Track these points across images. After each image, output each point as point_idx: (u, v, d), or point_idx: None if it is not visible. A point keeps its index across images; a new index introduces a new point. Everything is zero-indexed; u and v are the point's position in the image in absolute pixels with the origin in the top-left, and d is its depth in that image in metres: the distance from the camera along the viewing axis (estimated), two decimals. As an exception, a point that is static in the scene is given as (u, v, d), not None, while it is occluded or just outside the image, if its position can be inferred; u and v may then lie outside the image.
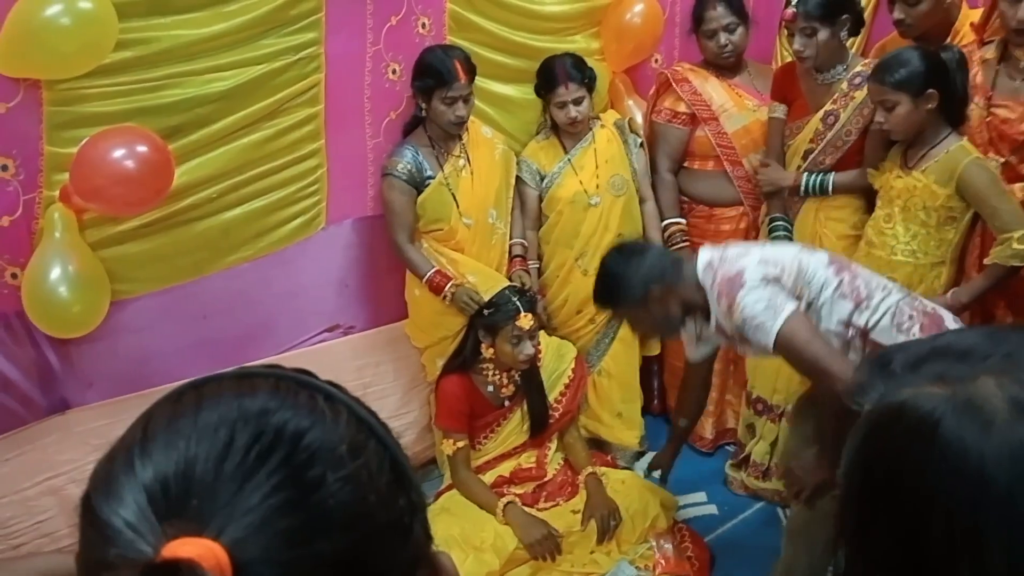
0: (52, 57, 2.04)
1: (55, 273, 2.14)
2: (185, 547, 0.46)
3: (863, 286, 2.09)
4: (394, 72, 2.77)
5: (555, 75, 2.89)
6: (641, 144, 3.11)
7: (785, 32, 2.80)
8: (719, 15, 2.98)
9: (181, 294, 2.49)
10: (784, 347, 1.95)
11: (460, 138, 2.84)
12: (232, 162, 2.44)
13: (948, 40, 2.68)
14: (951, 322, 2.14)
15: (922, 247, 2.52)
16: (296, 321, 2.80)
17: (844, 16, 2.71)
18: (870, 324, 2.06)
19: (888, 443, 0.63)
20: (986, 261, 2.47)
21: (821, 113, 2.82)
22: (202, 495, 0.48)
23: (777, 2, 3.42)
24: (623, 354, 3.13)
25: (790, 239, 2.89)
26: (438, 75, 2.64)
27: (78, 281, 2.18)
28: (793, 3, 2.70)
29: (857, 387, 0.68)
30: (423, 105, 2.72)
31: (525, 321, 2.65)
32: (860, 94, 2.76)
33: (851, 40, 2.90)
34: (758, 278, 2.00)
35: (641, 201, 3.11)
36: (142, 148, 2.12)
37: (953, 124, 2.48)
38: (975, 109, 2.54)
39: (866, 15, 3.18)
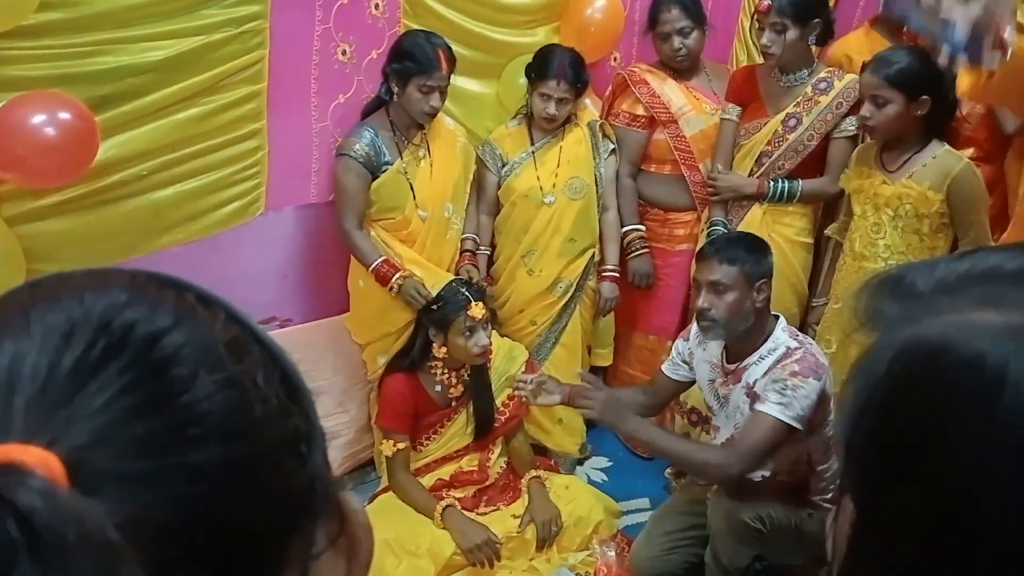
0: (-33, 13, 1.88)
1: (-37, 249, 1.98)
2: (2, 453, 0.35)
3: None
4: (344, 53, 2.64)
5: (552, 66, 2.79)
6: (613, 151, 3.04)
7: (756, 26, 2.77)
8: (674, 18, 2.93)
9: (104, 277, 2.33)
10: (761, 422, 2.12)
11: (422, 127, 2.73)
12: (165, 138, 2.28)
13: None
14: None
15: (916, 256, 2.48)
16: (229, 311, 2.65)
17: (815, 20, 2.70)
18: None
19: (925, 392, 0.46)
20: None
21: (782, 115, 2.80)
22: (31, 396, 0.37)
23: (735, 6, 3.42)
24: (565, 360, 3.06)
25: None
26: (419, 62, 2.54)
27: (-11, 258, 2.02)
28: None
29: (869, 313, 0.52)
30: (395, 89, 2.60)
31: (477, 310, 2.56)
32: (825, 99, 2.75)
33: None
34: (821, 388, 2.13)
35: (604, 209, 3.04)
36: (64, 115, 1.96)
37: (934, 133, 2.45)
38: None
39: None
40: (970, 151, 2.51)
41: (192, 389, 0.40)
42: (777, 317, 2.28)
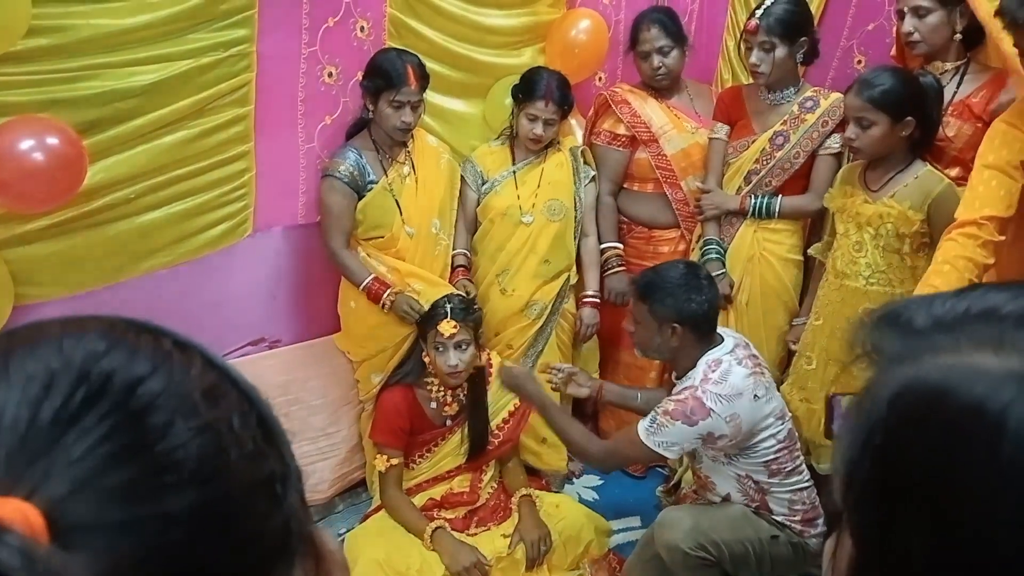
0: (-45, 40, 1.89)
1: (-50, 274, 1.97)
2: None
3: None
4: (330, 75, 2.66)
5: (539, 88, 2.82)
6: (593, 178, 3.06)
7: (744, 46, 2.80)
8: (653, 37, 2.97)
9: (92, 301, 2.32)
10: (629, 434, 2.25)
11: (405, 145, 2.76)
12: (153, 161, 2.29)
13: None
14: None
15: (897, 275, 2.50)
16: (218, 333, 2.64)
17: (802, 39, 2.73)
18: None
19: (927, 435, 0.46)
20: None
21: (769, 133, 2.83)
22: (11, 447, 0.38)
23: (718, 26, 3.46)
24: (542, 384, 3.04)
25: (722, 263, 2.88)
26: (388, 77, 2.57)
27: (-24, 283, 2.02)
28: (756, 16, 2.70)
29: (870, 347, 0.53)
30: (370, 107, 2.64)
31: (446, 327, 2.56)
32: (811, 117, 2.78)
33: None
34: (698, 433, 2.16)
35: (583, 235, 3.06)
36: (52, 140, 1.97)
37: (918, 153, 2.47)
38: None
39: None
40: (956, 171, 2.52)
41: (168, 436, 0.40)
42: (721, 343, 2.26)
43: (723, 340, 2.27)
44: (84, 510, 0.37)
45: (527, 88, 2.85)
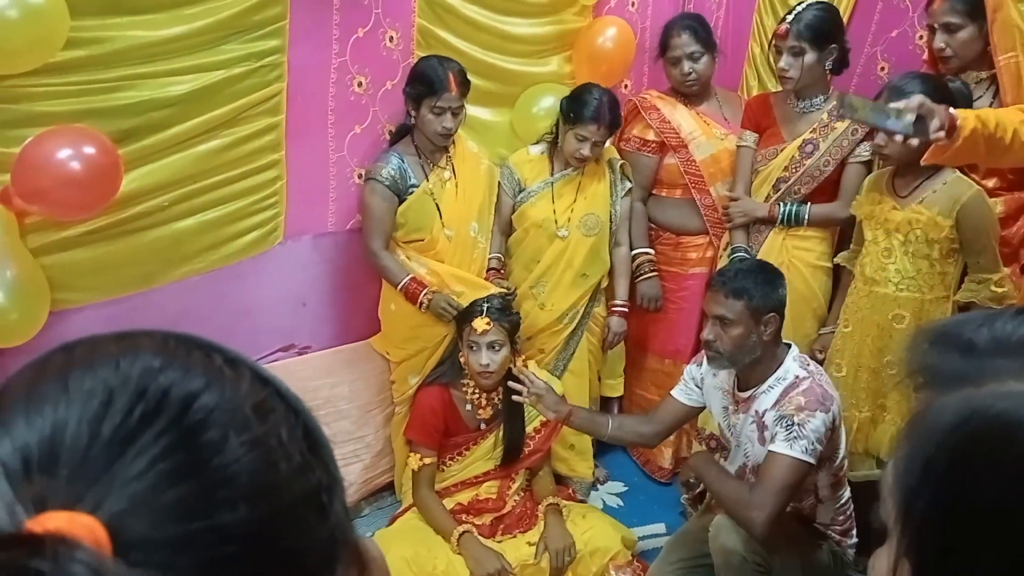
0: (-3, 52, 1.94)
1: (-9, 279, 2.02)
2: (51, 522, 0.37)
3: None
4: (360, 85, 2.70)
5: (591, 110, 2.79)
6: (629, 190, 3.06)
7: (773, 51, 2.79)
8: (684, 43, 2.98)
9: (127, 306, 2.37)
10: (776, 463, 2.08)
11: (447, 150, 2.80)
12: (186, 170, 2.34)
13: None
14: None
15: (927, 281, 2.49)
16: (249, 339, 2.68)
17: (832, 46, 2.72)
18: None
19: (999, 470, 0.46)
20: (959, 298, 2.45)
21: (799, 141, 2.82)
22: (73, 463, 0.39)
23: (745, 33, 3.46)
24: (574, 387, 3.06)
25: None
26: (430, 83, 2.61)
27: (16, 288, 2.05)
28: (787, 21, 2.70)
29: (922, 366, 0.52)
30: (412, 112, 2.68)
31: (479, 323, 2.59)
32: (840, 125, 2.77)
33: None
34: (831, 419, 2.12)
35: (616, 245, 3.07)
36: (89, 149, 2.02)
37: None
38: None
39: None
40: (993, 181, 2.51)
41: (223, 452, 0.42)
42: (789, 346, 2.28)
43: (789, 344, 2.29)
44: (142, 526, 0.38)
45: (578, 109, 2.82)
